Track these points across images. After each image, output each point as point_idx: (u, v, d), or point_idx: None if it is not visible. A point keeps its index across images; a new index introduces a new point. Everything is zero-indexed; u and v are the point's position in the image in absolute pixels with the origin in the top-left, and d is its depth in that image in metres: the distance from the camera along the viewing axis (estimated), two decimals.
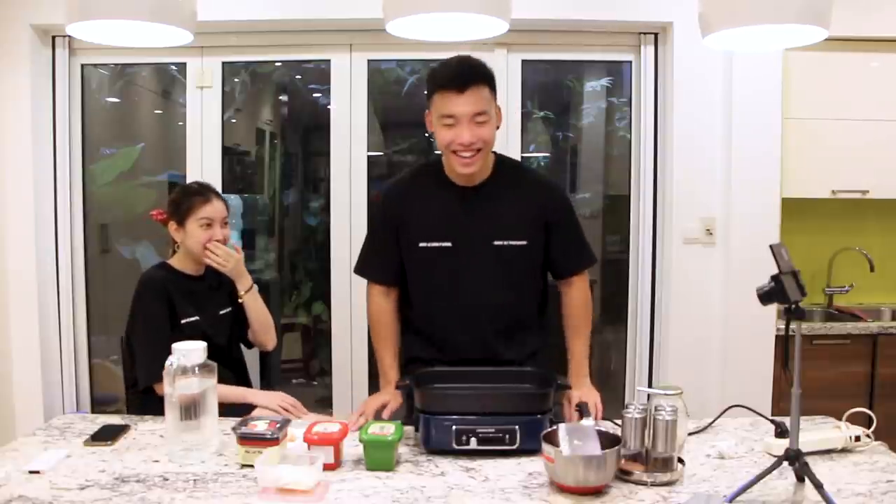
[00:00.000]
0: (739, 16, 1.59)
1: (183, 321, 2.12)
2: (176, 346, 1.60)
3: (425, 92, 1.89)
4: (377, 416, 1.85)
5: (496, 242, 1.93)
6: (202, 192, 2.20)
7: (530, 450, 1.56)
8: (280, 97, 4.24)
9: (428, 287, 1.99)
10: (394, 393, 1.93)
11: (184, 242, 2.18)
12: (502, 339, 1.97)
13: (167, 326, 2.07)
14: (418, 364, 1.96)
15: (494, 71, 1.88)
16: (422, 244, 1.95)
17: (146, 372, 2.03)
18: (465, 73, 1.80)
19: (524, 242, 1.94)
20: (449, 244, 1.94)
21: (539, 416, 1.59)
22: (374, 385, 3.36)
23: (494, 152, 1.99)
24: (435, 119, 1.85)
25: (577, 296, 2.05)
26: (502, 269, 1.94)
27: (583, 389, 1.97)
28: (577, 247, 2.04)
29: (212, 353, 1.89)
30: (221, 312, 2.27)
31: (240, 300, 2.27)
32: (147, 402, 2.02)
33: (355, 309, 3.27)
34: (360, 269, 2.10)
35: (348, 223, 3.31)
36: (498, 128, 1.90)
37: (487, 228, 1.94)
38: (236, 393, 2.09)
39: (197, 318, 2.15)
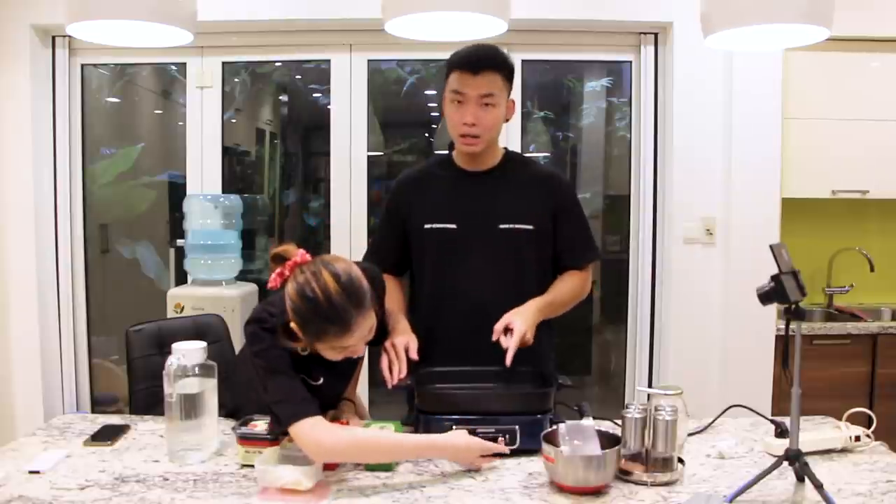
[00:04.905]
0: (741, 15, 1.59)
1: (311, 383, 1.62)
2: (175, 345, 1.60)
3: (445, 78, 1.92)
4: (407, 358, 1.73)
5: (502, 226, 1.91)
6: (341, 320, 1.43)
7: (530, 450, 1.56)
8: (280, 97, 4.23)
9: (433, 271, 1.96)
10: (409, 333, 1.82)
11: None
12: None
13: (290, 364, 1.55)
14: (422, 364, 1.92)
15: None
16: (427, 226, 1.95)
17: (290, 411, 1.49)
18: (482, 57, 1.85)
19: (531, 227, 1.91)
20: (454, 226, 1.93)
21: (539, 416, 1.59)
22: (373, 385, 3.37)
23: (504, 148, 2.01)
24: (447, 97, 1.89)
25: (574, 280, 1.97)
26: (508, 253, 1.91)
27: (519, 314, 1.79)
28: (582, 240, 2.01)
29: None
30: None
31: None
32: (149, 403, 2.02)
33: None
34: (366, 258, 2.10)
35: (348, 223, 3.31)
36: (508, 120, 1.94)
37: (493, 211, 1.92)
38: (418, 446, 1.54)
39: (321, 381, 1.62)
